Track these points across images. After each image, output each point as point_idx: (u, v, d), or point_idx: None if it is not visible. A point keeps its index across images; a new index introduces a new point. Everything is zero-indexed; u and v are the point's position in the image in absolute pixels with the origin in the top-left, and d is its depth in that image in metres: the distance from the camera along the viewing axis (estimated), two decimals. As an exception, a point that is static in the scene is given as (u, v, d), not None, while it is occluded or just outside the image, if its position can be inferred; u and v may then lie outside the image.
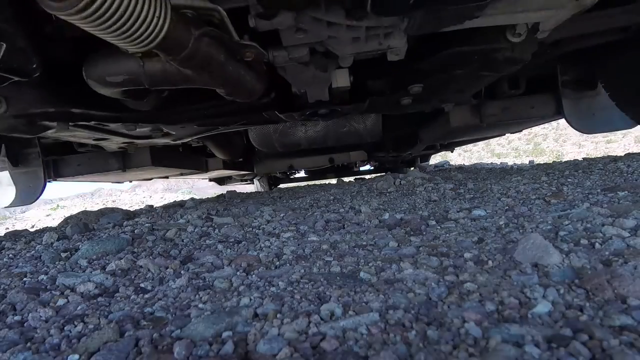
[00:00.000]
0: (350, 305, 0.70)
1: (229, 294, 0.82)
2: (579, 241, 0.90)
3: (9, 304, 0.82)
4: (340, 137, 2.57)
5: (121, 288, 0.90)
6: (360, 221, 1.45)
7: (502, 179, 2.16)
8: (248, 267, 1.02)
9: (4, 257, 1.31)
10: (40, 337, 0.67)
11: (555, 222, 1.10)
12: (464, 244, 1.01)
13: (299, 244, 1.20)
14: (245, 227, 1.52)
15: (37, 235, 1.70)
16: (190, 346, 0.59)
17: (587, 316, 0.57)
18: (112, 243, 1.25)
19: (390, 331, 0.59)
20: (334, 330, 0.61)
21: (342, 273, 0.90)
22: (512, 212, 1.32)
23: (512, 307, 0.62)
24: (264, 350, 0.57)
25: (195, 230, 1.49)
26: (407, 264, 0.89)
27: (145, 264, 1.05)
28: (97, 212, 2.08)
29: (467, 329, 0.57)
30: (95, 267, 1.09)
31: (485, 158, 6.89)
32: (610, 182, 1.65)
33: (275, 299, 0.75)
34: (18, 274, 1.05)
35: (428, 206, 1.62)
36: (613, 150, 5.62)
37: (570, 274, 0.73)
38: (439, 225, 1.27)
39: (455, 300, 0.68)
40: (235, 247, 1.24)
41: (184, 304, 0.78)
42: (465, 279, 0.77)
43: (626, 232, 0.92)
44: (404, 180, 2.25)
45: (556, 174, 2.04)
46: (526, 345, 0.51)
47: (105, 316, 0.75)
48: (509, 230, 1.09)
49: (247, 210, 1.92)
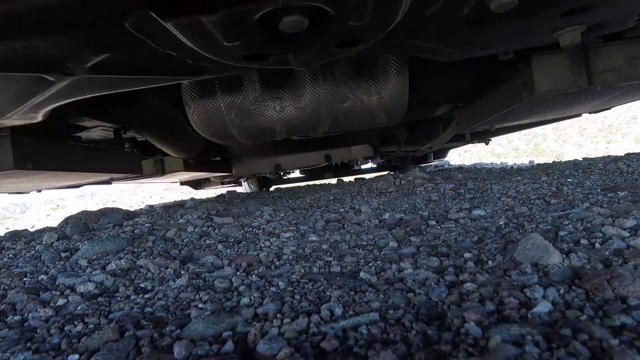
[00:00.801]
0: (350, 305, 0.70)
1: (229, 294, 0.82)
2: (579, 241, 0.90)
3: (9, 303, 0.82)
4: (338, 119, 1.60)
5: (121, 288, 0.90)
6: (361, 221, 1.45)
7: (502, 179, 2.16)
8: (248, 267, 1.02)
9: (4, 257, 1.31)
10: (41, 337, 0.67)
11: (555, 222, 1.10)
12: (464, 244, 1.01)
13: (299, 244, 1.20)
14: (245, 227, 1.52)
15: (37, 235, 1.70)
16: (190, 346, 0.59)
17: (587, 316, 0.57)
18: (112, 243, 1.25)
19: (390, 331, 0.59)
20: (334, 330, 0.61)
21: (342, 273, 0.90)
22: (512, 212, 1.32)
23: (512, 307, 0.62)
24: (264, 350, 0.57)
25: (195, 230, 1.49)
26: (407, 264, 0.89)
27: (145, 264, 1.05)
28: (97, 212, 2.08)
29: (467, 329, 0.57)
30: (95, 267, 1.09)
31: (485, 158, 6.89)
32: (610, 182, 1.65)
33: (275, 299, 0.75)
34: (18, 274, 1.05)
35: (428, 206, 1.62)
36: (613, 150, 5.62)
37: (570, 274, 0.73)
38: (439, 225, 1.27)
39: (455, 300, 0.68)
40: (235, 247, 1.24)
41: (184, 304, 0.78)
42: (465, 279, 0.77)
43: (626, 232, 0.92)
44: (404, 180, 2.25)
45: (556, 174, 2.04)
46: (526, 345, 0.51)
47: (105, 316, 0.75)
48: (509, 230, 1.09)
49: (247, 210, 1.92)
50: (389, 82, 1.45)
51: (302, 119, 1.54)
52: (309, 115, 1.52)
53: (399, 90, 1.47)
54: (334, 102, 1.48)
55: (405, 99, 1.51)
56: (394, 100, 1.50)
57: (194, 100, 1.50)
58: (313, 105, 1.48)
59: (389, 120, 1.66)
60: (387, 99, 1.48)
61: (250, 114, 1.51)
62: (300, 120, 1.54)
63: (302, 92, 1.45)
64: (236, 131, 1.60)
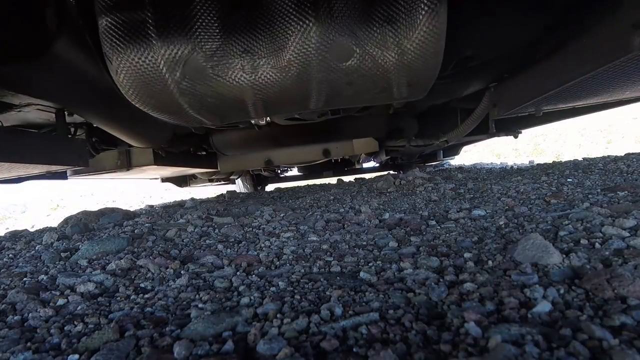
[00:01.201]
0: (350, 305, 0.70)
1: (229, 294, 0.82)
2: (579, 241, 0.90)
3: (10, 303, 0.82)
4: (337, 88, 1.07)
5: (121, 288, 0.90)
6: (361, 221, 1.45)
7: (502, 179, 2.16)
8: (248, 267, 1.02)
9: (4, 257, 1.31)
10: (41, 337, 0.67)
11: (555, 222, 1.10)
12: (464, 244, 1.01)
13: (299, 244, 1.20)
14: (245, 227, 1.52)
15: (37, 235, 1.70)
16: (190, 346, 0.59)
17: (587, 316, 0.57)
18: (112, 243, 1.25)
19: (390, 331, 0.59)
20: (334, 330, 0.61)
21: (342, 273, 0.90)
22: (512, 212, 1.32)
23: (512, 307, 0.62)
24: (264, 350, 0.57)
25: (195, 230, 1.49)
26: (407, 263, 0.90)
27: (145, 264, 1.05)
28: (97, 212, 2.08)
29: (467, 328, 0.57)
30: (95, 267, 1.09)
31: (485, 158, 6.90)
32: (610, 182, 1.65)
33: (275, 299, 0.75)
34: (18, 274, 1.05)
35: (428, 206, 1.62)
36: (613, 150, 5.63)
37: (570, 274, 0.73)
38: (439, 225, 1.27)
39: (455, 300, 0.68)
40: (235, 247, 1.24)
41: (184, 304, 0.78)
42: (465, 278, 0.77)
43: (626, 232, 0.92)
44: (404, 180, 2.26)
45: (556, 174, 2.05)
46: (526, 345, 0.51)
47: (105, 316, 0.75)
48: (509, 230, 1.09)
49: (247, 210, 1.92)
50: (417, 27, 0.92)
51: (285, 86, 1.02)
52: (294, 81, 1.00)
53: (431, 41, 0.94)
54: (331, 59, 0.95)
55: (438, 57, 0.98)
56: (423, 57, 0.97)
57: (116, 50, 0.93)
58: (300, 63, 0.96)
59: (410, 92, 1.09)
60: (411, 55, 0.96)
61: (205, 75, 0.97)
62: (282, 88, 1.02)
63: (284, 42, 0.93)
64: (186, 102, 1.04)
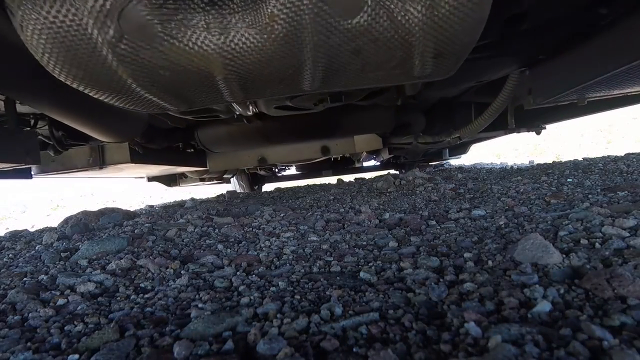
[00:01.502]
0: (350, 305, 0.70)
1: (229, 294, 0.82)
2: (579, 241, 0.90)
3: (10, 303, 0.82)
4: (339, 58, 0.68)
5: (121, 288, 0.90)
6: (360, 221, 1.45)
7: (502, 179, 2.16)
8: (248, 267, 1.02)
9: (4, 257, 1.31)
10: (41, 337, 0.67)
11: (555, 222, 1.10)
12: (464, 243, 1.01)
13: (299, 244, 1.20)
14: (245, 227, 1.52)
15: (37, 235, 1.70)
16: (190, 346, 0.59)
17: (587, 316, 0.57)
18: (112, 243, 1.25)
19: (390, 331, 0.59)
20: (334, 330, 0.61)
21: (342, 273, 0.90)
22: (512, 212, 1.32)
23: (512, 307, 0.62)
24: (264, 350, 0.57)
25: (195, 230, 1.49)
26: (407, 263, 0.90)
27: (145, 264, 1.05)
28: (97, 212, 2.08)
29: (467, 328, 0.57)
30: (95, 267, 1.09)
31: (485, 158, 6.89)
32: (610, 182, 1.65)
33: (275, 299, 0.75)
34: (18, 274, 1.05)
35: (428, 206, 1.62)
36: (613, 150, 5.62)
37: (570, 274, 0.73)
38: (439, 225, 1.27)
39: (455, 300, 0.68)
40: (235, 247, 1.24)
41: (184, 304, 0.78)
42: (465, 278, 0.77)
43: (626, 232, 0.92)
44: (404, 180, 2.26)
45: (556, 174, 2.05)
46: (526, 345, 0.51)
47: (105, 316, 0.75)
48: (509, 230, 1.09)
49: (247, 210, 1.92)
50: None
51: (267, 55, 0.68)
52: (279, 46, 0.66)
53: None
54: (331, 13, 0.62)
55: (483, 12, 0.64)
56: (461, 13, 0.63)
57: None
58: (288, 20, 0.63)
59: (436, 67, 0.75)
60: (445, 9, 0.63)
61: (151, 35, 0.63)
62: (264, 57, 0.68)
63: None
64: (129, 74, 0.69)
